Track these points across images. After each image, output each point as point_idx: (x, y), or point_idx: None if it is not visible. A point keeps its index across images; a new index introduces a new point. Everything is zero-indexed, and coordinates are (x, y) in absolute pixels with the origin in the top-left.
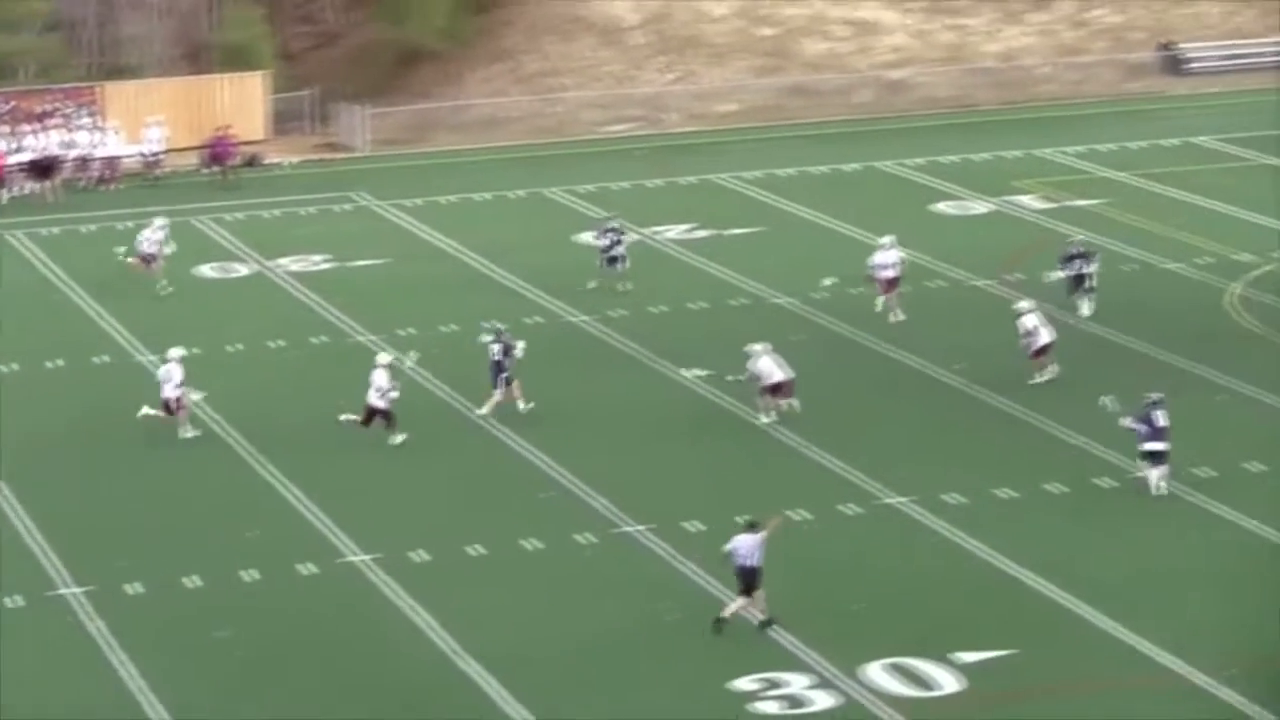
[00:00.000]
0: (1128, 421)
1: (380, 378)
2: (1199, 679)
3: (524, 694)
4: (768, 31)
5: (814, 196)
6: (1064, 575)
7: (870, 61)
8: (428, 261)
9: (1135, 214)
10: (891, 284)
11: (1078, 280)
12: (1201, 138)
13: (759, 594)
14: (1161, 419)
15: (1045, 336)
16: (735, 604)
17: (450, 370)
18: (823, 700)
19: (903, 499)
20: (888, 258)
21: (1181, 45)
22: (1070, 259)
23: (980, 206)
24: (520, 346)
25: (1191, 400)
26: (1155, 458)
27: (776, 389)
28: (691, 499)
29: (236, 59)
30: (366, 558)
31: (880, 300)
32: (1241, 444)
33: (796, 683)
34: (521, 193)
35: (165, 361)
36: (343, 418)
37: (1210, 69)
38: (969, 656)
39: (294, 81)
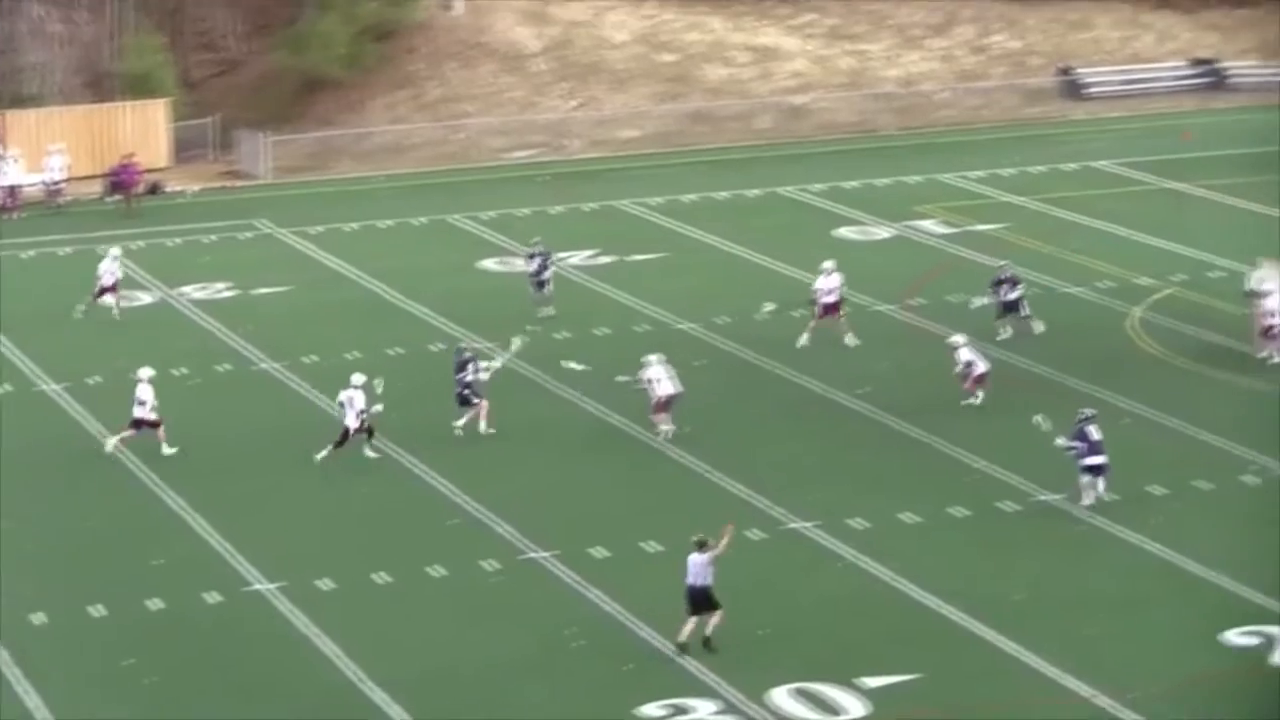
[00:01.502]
0: (1061, 441)
1: (357, 399)
2: (1102, 701)
3: (429, 717)
4: (669, 58)
5: (717, 222)
6: (968, 599)
7: (771, 87)
8: (331, 289)
9: (1036, 238)
10: (830, 309)
11: (1006, 306)
12: (1101, 162)
13: (713, 617)
14: (1095, 433)
15: (982, 366)
16: (687, 626)
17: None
18: None
19: (808, 524)
20: (829, 283)
21: (1080, 70)
22: (999, 283)
23: (882, 231)
24: (485, 366)
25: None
26: (1096, 470)
27: (666, 403)
28: (597, 525)
29: (138, 87)
30: (272, 586)
31: (810, 328)
32: (1144, 467)
33: (703, 709)
34: (424, 219)
35: (138, 382)
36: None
37: (1109, 94)
38: (874, 681)
39: (196, 109)
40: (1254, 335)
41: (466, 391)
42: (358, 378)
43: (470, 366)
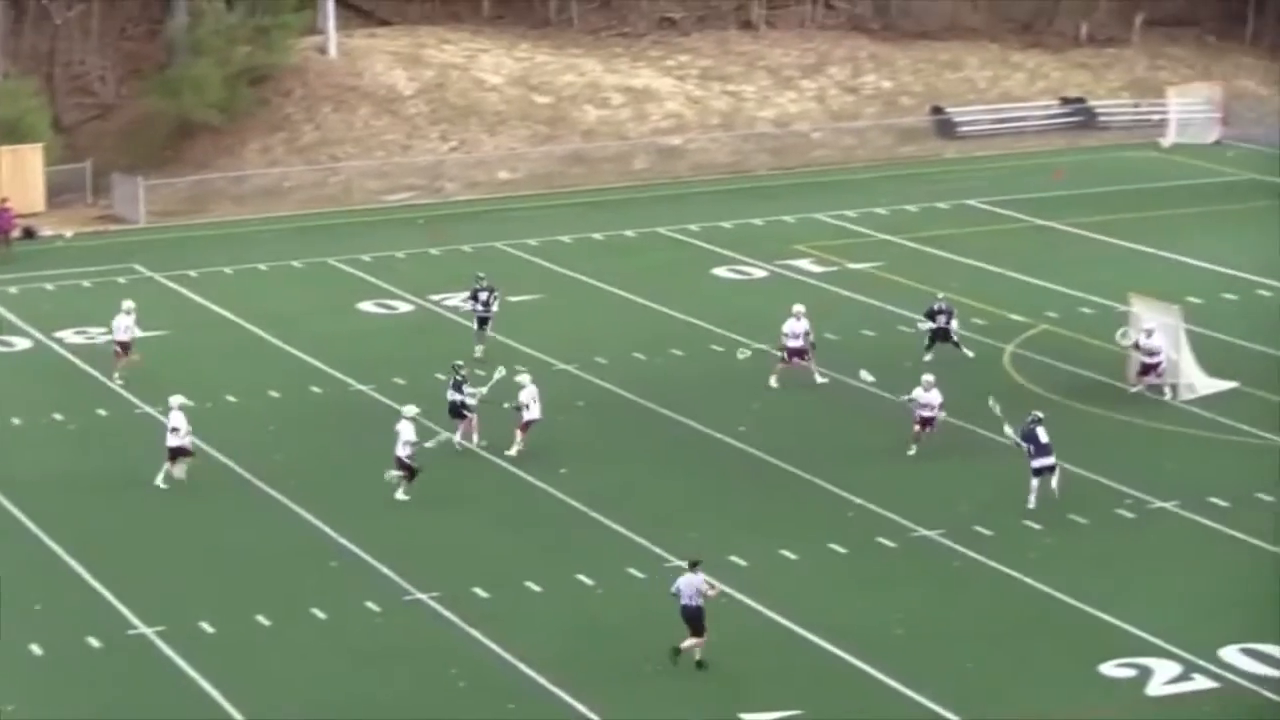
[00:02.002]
0: (1010, 433)
1: (406, 430)
2: None
3: None
4: (544, 100)
5: (595, 263)
6: (848, 634)
7: (646, 128)
8: (209, 332)
9: (910, 276)
10: (795, 354)
11: (938, 334)
12: (973, 200)
13: (696, 639)
14: (1043, 435)
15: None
16: (693, 642)
17: (234, 440)
18: None
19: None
20: (796, 327)
21: (952, 109)
22: (934, 314)
23: (759, 271)
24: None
25: (971, 460)
26: (1045, 471)
27: (528, 425)
28: (478, 566)
29: (12, 131)
30: (154, 630)
31: (777, 370)
32: (1020, 502)
33: None
34: (303, 262)
35: (169, 410)
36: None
37: (980, 132)
38: (755, 717)
39: (70, 153)
40: (1129, 370)
41: (461, 406)
42: (409, 409)
43: (465, 388)
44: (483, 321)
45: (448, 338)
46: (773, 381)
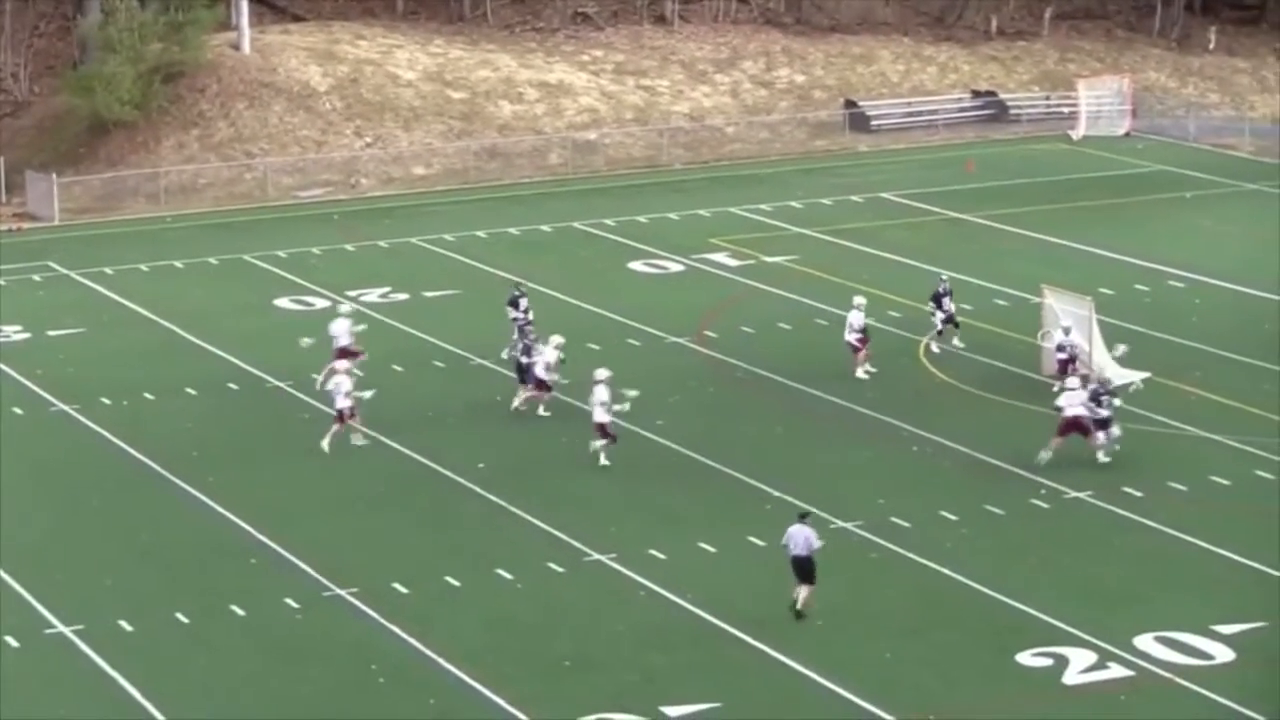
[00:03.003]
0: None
1: (601, 393)
2: None
3: None
4: (459, 95)
5: (511, 258)
6: (767, 626)
7: (561, 123)
8: (126, 329)
9: (825, 269)
10: (855, 346)
11: (949, 318)
12: (886, 193)
13: (805, 591)
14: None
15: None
16: (805, 592)
17: (151, 437)
18: None
19: (608, 556)
20: (858, 320)
21: (865, 103)
22: (940, 296)
23: (675, 265)
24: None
25: (888, 451)
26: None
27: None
28: (397, 561)
29: None
30: (72, 629)
31: (857, 361)
32: (936, 493)
33: None
34: (219, 259)
35: (336, 374)
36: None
37: (893, 126)
38: (676, 710)
39: None
40: (1042, 363)
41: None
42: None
43: (533, 350)
44: (522, 328)
45: (365, 334)
46: (858, 373)
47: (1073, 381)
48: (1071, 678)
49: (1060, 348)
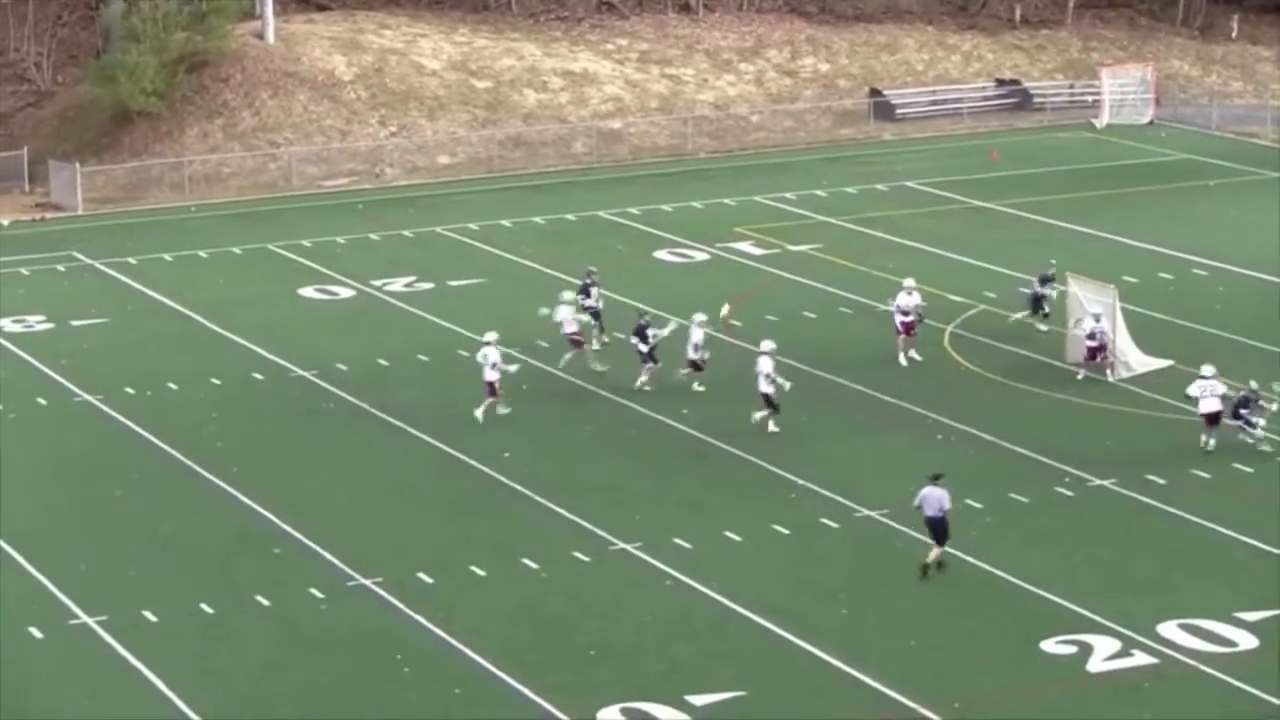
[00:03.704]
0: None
1: (765, 365)
2: (926, 713)
3: None
4: (483, 84)
5: (535, 247)
6: (792, 615)
7: (586, 112)
8: (149, 320)
9: (849, 258)
10: (908, 328)
11: (1037, 301)
12: (911, 182)
13: (938, 551)
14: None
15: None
16: (934, 552)
17: (176, 427)
18: None
19: (633, 545)
20: (908, 301)
21: (889, 92)
22: (1046, 280)
23: (700, 254)
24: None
25: (913, 439)
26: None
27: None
28: (422, 550)
29: None
30: (96, 619)
31: (900, 346)
32: (961, 481)
33: None
34: (243, 248)
35: (484, 345)
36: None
37: (918, 114)
38: (701, 699)
39: (6, 141)
40: (1068, 350)
41: (649, 350)
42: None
43: (650, 332)
44: (595, 315)
45: (390, 323)
46: (901, 359)
47: (1207, 369)
48: (1096, 665)
49: (1091, 335)
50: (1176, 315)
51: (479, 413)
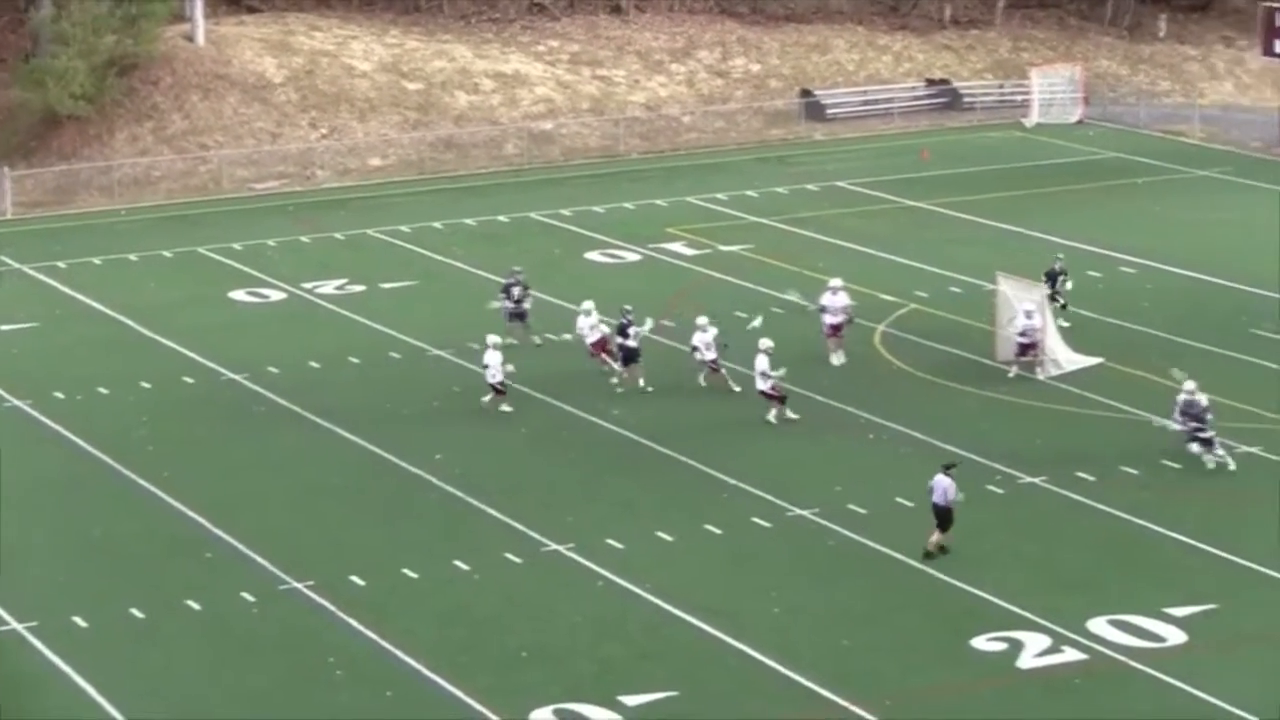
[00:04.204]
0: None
1: (762, 363)
2: (858, 711)
3: None
4: (415, 86)
5: (467, 248)
6: (724, 615)
7: (517, 113)
8: (79, 323)
9: (781, 258)
10: (835, 329)
11: (1056, 294)
12: (842, 182)
13: (941, 535)
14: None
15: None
16: (934, 537)
17: (106, 432)
18: None
19: (565, 546)
20: (836, 301)
21: (820, 92)
22: (1053, 276)
23: (631, 254)
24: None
25: (844, 438)
26: (1206, 442)
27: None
28: (354, 553)
29: None
30: (26, 625)
31: (831, 348)
32: (892, 480)
33: None
34: (173, 252)
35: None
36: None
37: (849, 114)
38: (633, 699)
39: None
40: (997, 349)
41: (635, 348)
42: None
43: (631, 330)
44: (517, 316)
45: (321, 325)
46: (833, 359)
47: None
48: (1026, 662)
49: (1023, 332)
50: (1105, 313)
51: (504, 406)
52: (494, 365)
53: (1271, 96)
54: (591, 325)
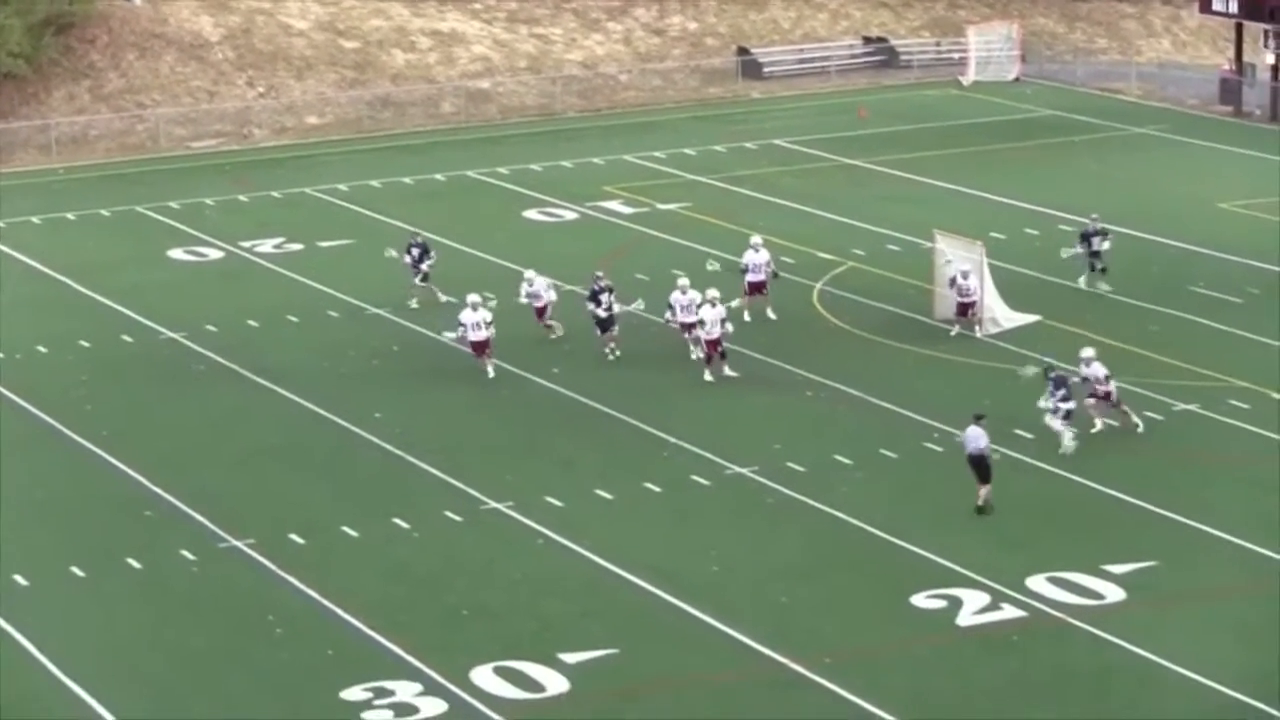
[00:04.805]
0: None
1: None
2: (797, 667)
3: (131, 711)
4: (351, 44)
5: (404, 207)
6: (663, 572)
7: (454, 72)
8: (17, 283)
9: (719, 216)
10: (756, 288)
11: (1093, 256)
12: (780, 140)
13: (985, 489)
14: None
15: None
16: (982, 491)
17: (45, 391)
18: (431, 707)
19: (504, 504)
20: (756, 259)
21: (757, 50)
22: (1088, 236)
23: (569, 213)
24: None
25: (783, 396)
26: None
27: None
28: (293, 511)
29: None
30: None
31: (745, 305)
32: (830, 438)
33: (405, 690)
34: (111, 211)
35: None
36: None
37: (786, 73)
38: (573, 656)
39: None
40: (936, 307)
41: (606, 317)
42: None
43: (604, 297)
44: (421, 277)
45: (259, 284)
46: (745, 316)
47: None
48: (965, 619)
49: (961, 291)
50: (1043, 271)
51: (490, 368)
52: (468, 324)
53: (1209, 54)
54: (546, 287)
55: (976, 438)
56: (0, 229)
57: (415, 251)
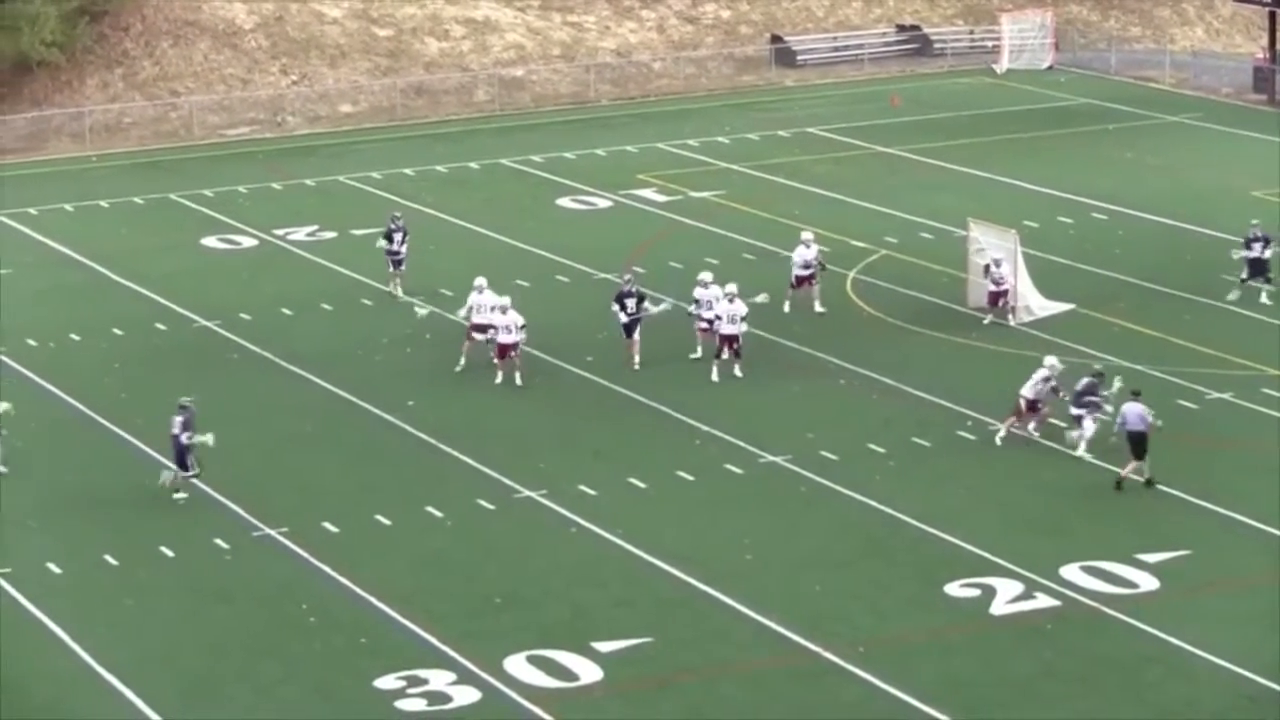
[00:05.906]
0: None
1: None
2: (831, 656)
3: (164, 700)
4: (385, 32)
5: (438, 196)
6: (697, 561)
7: (488, 60)
8: (51, 270)
9: (752, 204)
10: (802, 280)
11: (1256, 264)
12: (813, 128)
13: (1142, 463)
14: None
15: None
16: (1130, 466)
17: (78, 379)
18: (464, 695)
19: (538, 493)
20: (806, 255)
21: (790, 38)
22: (1250, 242)
23: (603, 201)
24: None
25: (816, 384)
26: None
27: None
28: (327, 500)
29: None
30: (0, 572)
31: (787, 296)
32: (864, 426)
33: (438, 679)
34: (145, 198)
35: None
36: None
37: (819, 61)
38: (606, 645)
39: None
40: (969, 295)
41: (630, 321)
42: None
43: (630, 302)
44: (396, 263)
45: (293, 272)
46: (785, 307)
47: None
48: (999, 608)
49: (995, 280)
50: (1077, 259)
51: (517, 376)
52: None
53: (1242, 42)
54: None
55: (1136, 414)
56: (34, 216)
57: (398, 236)
